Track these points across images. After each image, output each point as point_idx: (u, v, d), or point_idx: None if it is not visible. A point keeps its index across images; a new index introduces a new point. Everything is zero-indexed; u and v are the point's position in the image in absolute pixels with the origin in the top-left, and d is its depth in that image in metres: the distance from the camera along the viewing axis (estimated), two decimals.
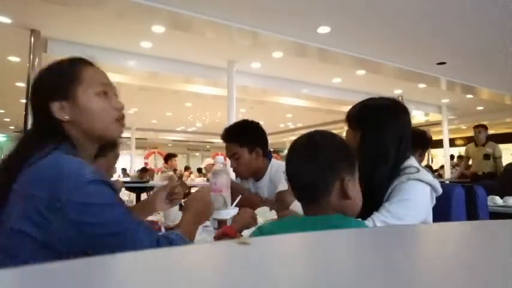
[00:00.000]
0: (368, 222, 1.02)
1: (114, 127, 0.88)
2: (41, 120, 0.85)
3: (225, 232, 1.10)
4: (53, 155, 0.76)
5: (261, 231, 0.84)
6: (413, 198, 1.06)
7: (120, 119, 0.89)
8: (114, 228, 0.72)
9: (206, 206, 1.02)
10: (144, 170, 8.04)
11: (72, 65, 0.87)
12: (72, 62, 0.88)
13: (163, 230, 1.31)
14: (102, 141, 0.90)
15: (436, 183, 1.13)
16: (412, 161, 1.16)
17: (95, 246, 0.70)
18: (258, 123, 1.81)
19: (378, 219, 1.04)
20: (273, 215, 1.41)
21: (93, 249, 0.70)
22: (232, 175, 1.85)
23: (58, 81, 0.84)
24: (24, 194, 0.72)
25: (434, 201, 1.18)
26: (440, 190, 1.15)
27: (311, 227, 0.74)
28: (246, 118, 1.84)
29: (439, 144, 9.96)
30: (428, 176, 1.11)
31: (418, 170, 1.11)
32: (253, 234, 0.87)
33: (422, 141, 2.55)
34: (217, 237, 1.11)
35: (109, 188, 0.75)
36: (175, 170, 6.59)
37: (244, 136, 1.75)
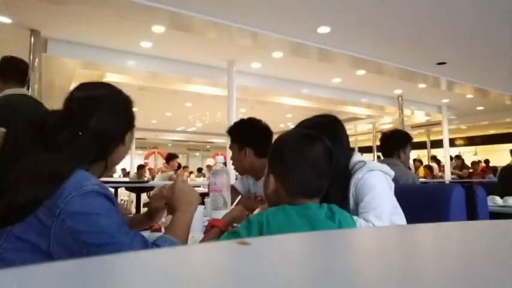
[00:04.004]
0: (363, 222, 1.09)
1: None
2: (106, 142, 0.86)
3: (212, 224, 1.09)
4: None
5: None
6: (377, 186, 1.18)
7: None
8: (105, 239, 0.75)
9: (187, 193, 0.99)
10: (141, 167, 8.04)
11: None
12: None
13: (163, 230, 1.31)
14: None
15: (385, 167, 1.25)
16: (356, 157, 1.28)
17: (91, 255, 0.71)
18: (260, 125, 1.78)
19: (371, 215, 1.11)
20: None
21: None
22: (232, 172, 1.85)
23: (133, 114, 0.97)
24: None
25: (393, 185, 1.27)
26: (391, 172, 1.27)
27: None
28: (251, 117, 1.83)
29: (439, 144, 9.96)
30: (375, 164, 1.25)
31: (365, 163, 1.23)
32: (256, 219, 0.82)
33: (401, 140, 2.49)
34: (205, 232, 1.11)
35: (107, 200, 0.78)
36: (175, 171, 6.57)
37: (237, 133, 1.77)
